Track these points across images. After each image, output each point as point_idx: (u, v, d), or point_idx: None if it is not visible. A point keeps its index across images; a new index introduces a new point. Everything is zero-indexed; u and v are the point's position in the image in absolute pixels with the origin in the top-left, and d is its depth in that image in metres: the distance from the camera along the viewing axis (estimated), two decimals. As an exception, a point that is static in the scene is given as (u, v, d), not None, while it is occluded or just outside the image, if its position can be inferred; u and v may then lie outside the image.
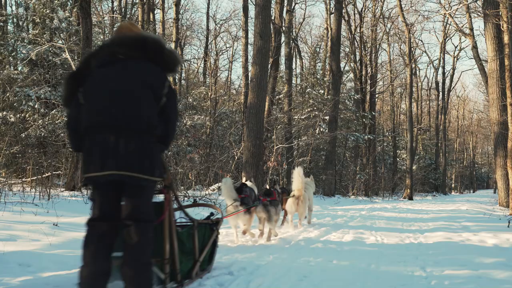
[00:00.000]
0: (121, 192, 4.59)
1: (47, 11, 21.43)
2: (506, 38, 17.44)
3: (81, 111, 4.65)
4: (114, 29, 33.63)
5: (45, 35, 21.43)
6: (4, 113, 18.07)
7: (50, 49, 20.14)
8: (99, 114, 4.52)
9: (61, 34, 22.28)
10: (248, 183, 9.71)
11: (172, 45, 37.61)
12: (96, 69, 4.70)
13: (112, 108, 4.50)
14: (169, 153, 19.74)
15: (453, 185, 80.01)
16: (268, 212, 8.83)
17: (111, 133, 4.44)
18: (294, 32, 41.22)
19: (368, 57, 43.27)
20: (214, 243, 6.39)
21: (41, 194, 11.70)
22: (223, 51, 54.32)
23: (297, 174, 11.23)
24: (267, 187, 10.78)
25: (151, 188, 4.74)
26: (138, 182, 4.51)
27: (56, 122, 18.80)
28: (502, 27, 17.87)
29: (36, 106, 18.66)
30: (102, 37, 27.81)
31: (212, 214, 6.87)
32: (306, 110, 33.01)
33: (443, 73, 57.36)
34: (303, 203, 11.14)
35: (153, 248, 4.68)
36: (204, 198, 14.63)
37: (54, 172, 15.80)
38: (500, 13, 18.48)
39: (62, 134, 18.21)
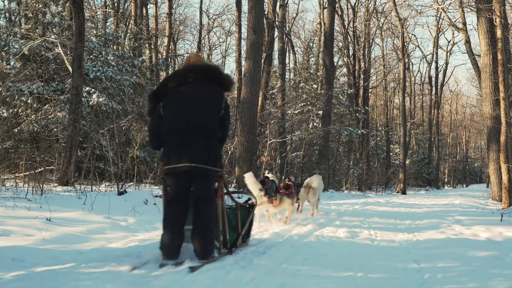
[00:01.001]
0: (191, 180, 6.28)
1: (40, 6, 21.39)
2: (499, 33, 17.46)
3: (161, 120, 6.42)
4: (107, 23, 33.70)
5: (37, 29, 21.38)
6: (-3, 108, 18.06)
7: (43, 43, 20.10)
8: (177, 122, 6.28)
9: (53, 29, 22.22)
10: (270, 176, 11.87)
11: (165, 40, 37.62)
12: (173, 89, 6.46)
13: (186, 118, 6.26)
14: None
15: (446, 180, 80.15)
16: (288, 203, 10.97)
17: (186, 136, 6.20)
18: (287, 27, 41.27)
19: (361, 51, 43.34)
20: (251, 222, 8.06)
21: (34, 189, 11.66)
22: (217, 46, 54.45)
23: (316, 177, 13.65)
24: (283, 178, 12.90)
25: (213, 176, 6.47)
26: (205, 172, 6.24)
27: (49, 117, 18.77)
28: (495, 21, 17.88)
29: (28, 101, 18.62)
30: (95, 31, 27.74)
31: (249, 199, 8.87)
32: (300, 105, 33.04)
33: (436, 68, 57.45)
34: (313, 194, 13.14)
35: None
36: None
37: (47, 167, 15.76)
38: (493, 8, 18.48)
39: (55, 129, 18.18)
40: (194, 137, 6.20)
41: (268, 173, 12.84)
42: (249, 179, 10.91)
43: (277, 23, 32.54)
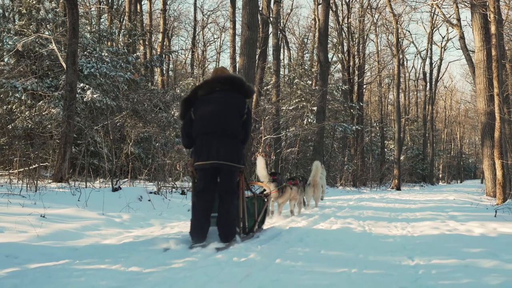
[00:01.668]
0: (217, 174, 7.48)
1: (33, 2, 21.38)
2: (493, 29, 17.47)
3: (191, 123, 7.58)
4: (101, 20, 33.63)
5: (31, 26, 21.36)
6: (-9, 104, 18.01)
7: (37, 40, 20.07)
8: (206, 125, 7.41)
9: (47, 25, 22.21)
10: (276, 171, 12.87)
11: (160, 36, 37.58)
12: (202, 96, 7.64)
13: (214, 122, 7.38)
14: (157, 144, 19.70)
15: (440, 175, 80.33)
16: (295, 191, 12.14)
17: (214, 137, 7.34)
18: (281, 23, 41.24)
19: (356, 47, 43.36)
20: (265, 210, 9.33)
21: (28, 185, 11.66)
22: (211, 42, 54.38)
23: (315, 166, 14.34)
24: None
25: (236, 171, 7.61)
26: (230, 168, 7.42)
27: (43, 113, 18.73)
28: (489, 17, 17.91)
29: (22, 98, 18.57)
30: (89, 28, 27.68)
31: (264, 190, 10.47)
32: (294, 101, 33.10)
33: (431, 64, 57.56)
34: (317, 190, 14.35)
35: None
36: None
37: (41, 164, 15.74)
38: (487, 3, 18.51)
39: (49, 126, 18.15)
40: (220, 139, 7.37)
41: (274, 171, 13.98)
42: (260, 164, 11.95)
43: (271, 19, 32.52)
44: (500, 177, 16.94)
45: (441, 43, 58.51)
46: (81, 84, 19.97)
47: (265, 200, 9.40)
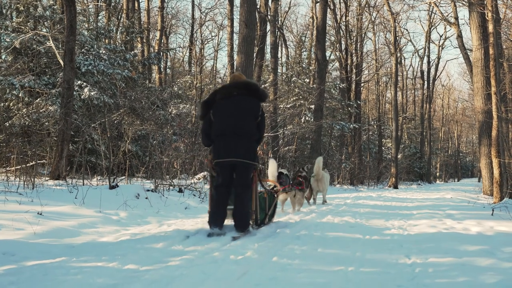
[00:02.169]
0: (233, 170, 8.31)
1: (31, -1, 21.31)
2: (490, 27, 17.47)
3: (211, 124, 8.44)
4: (99, 17, 33.59)
5: (29, 23, 21.33)
6: (-12, 102, 17.99)
7: (34, 37, 20.05)
8: (224, 127, 8.26)
9: (45, 22, 22.19)
10: (284, 171, 13.12)
11: (157, 34, 37.53)
12: (220, 100, 8.45)
13: (231, 123, 8.23)
14: (154, 142, 19.69)
15: (438, 174, 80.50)
16: (298, 195, 12.95)
17: (231, 137, 8.20)
18: (279, 21, 41.26)
19: (354, 46, 43.38)
20: (275, 205, 10.45)
21: (25, 183, 11.66)
22: (209, 40, 54.47)
23: (317, 162, 15.54)
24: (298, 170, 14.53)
25: (251, 168, 8.46)
26: (245, 165, 8.29)
27: (41, 111, 18.72)
28: (487, 16, 17.91)
29: (20, 95, 18.56)
30: (86, 25, 27.65)
31: (275, 186, 11.16)
32: (292, 99, 33.11)
33: (428, 62, 57.65)
34: (322, 182, 15.36)
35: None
36: (189, 187, 14.61)
37: (38, 161, 15.74)
38: (485, 2, 18.50)
39: (46, 123, 18.13)
40: (237, 139, 8.22)
41: (282, 168, 14.34)
42: (272, 165, 12.69)
43: (269, 17, 32.54)
44: (497, 175, 16.94)
45: (439, 42, 58.63)
46: (79, 82, 19.98)
47: (275, 196, 10.55)
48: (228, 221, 8.38)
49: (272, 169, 12.58)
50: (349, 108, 39.80)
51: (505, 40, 23.03)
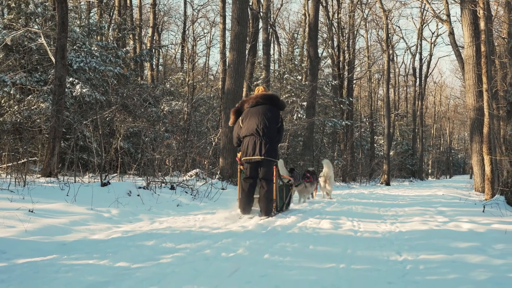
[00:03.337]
0: (258, 166, 10.42)
1: (23, -4, 21.22)
2: (482, 24, 17.51)
3: (240, 129, 10.52)
4: (91, 14, 33.50)
5: (20, 20, 21.22)
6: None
7: (26, 34, 19.96)
8: (251, 130, 10.31)
9: (36, 19, 22.07)
10: (293, 167, 15.97)
11: (149, 31, 37.48)
12: (248, 108, 10.60)
13: (256, 128, 10.25)
14: (146, 139, 19.67)
15: (430, 171, 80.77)
16: (307, 188, 15.27)
17: (257, 139, 10.27)
18: (272, 18, 41.28)
19: (346, 43, 43.41)
20: (290, 196, 12.66)
21: (16, 180, 11.60)
22: (201, 37, 54.51)
23: (326, 164, 18.16)
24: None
25: (272, 164, 10.50)
26: (268, 161, 10.34)
27: (32, 108, 18.66)
28: (479, 13, 17.94)
29: (11, 92, 18.48)
30: (78, 22, 27.55)
31: (289, 180, 12.83)
32: (284, 96, 33.12)
33: (420, 59, 57.79)
34: (329, 183, 17.37)
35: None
36: (181, 184, 14.59)
37: (30, 158, 15.69)
38: (477, 0, 18.55)
39: (38, 120, 18.08)
40: (261, 140, 10.24)
41: (292, 167, 15.97)
42: (280, 163, 13.60)
43: (261, 14, 32.54)
44: (489, 172, 17.00)
45: (431, 39, 59.01)
46: (70, 79, 19.91)
47: (290, 188, 12.65)
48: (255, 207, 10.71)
49: (280, 166, 13.47)
50: (341, 105, 39.85)
51: (496, 38, 23.07)
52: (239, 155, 10.76)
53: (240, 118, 10.64)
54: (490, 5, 20.71)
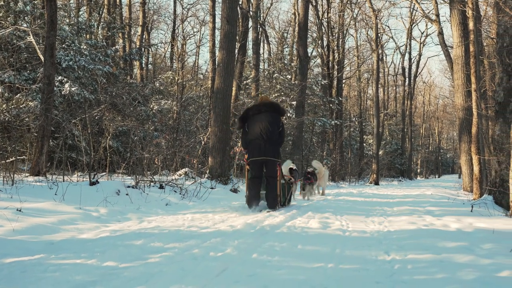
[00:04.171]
0: (263, 165, 11.71)
1: (11, -6, 21.13)
2: (471, 25, 17.57)
3: (246, 133, 11.90)
4: (80, 12, 33.40)
5: (9, 18, 21.13)
6: (-33, 97, 17.82)
7: (14, 32, 19.88)
8: (256, 134, 11.62)
9: (25, 17, 22.00)
10: (293, 166, 16.03)
11: (139, 29, 37.40)
12: (252, 115, 11.87)
13: (261, 132, 11.56)
14: (135, 138, 19.61)
15: (418, 170, 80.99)
16: (308, 187, 17.19)
17: (262, 141, 11.55)
18: (261, 17, 41.22)
19: (336, 42, 43.50)
20: (291, 193, 13.81)
21: (4, 179, 11.56)
22: (191, 36, 54.18)
23: (315, 163, 19.68)
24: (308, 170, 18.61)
25: (276, 164, 11.84)
26: (273, 161, 11.68)
27: (21, 106, 18.57)
28: (468, 13, 17.99)
29: (0, 90, 18.40)
30: (67, 20, 27.48)
31: (290, 179, 14.18)
32: (274, 95, 33.10)
33: (410, 59, 57.89)
34: (323, 179, 19.23)
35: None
36: (170, 183, 14.57)
37: (18, 157, 15.64)
38: (466, 0, 18.62)
39: (26, 119, 18.00)
40: (265, 143, 11.60)
41: (292, 163, 16.59)
42: (285, 164, 15.60)
43: (251, 13, 32.53)
44: (477, 172, 17.05)
45: (420, 39, 59.13)
46: (59, 77, 19.85)
47: (291, 186, 13.86)
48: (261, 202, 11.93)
49: (286, 166, 15.56)
50: (331, 105, 39.89)
51: (485, 38, 23.15)
52: (245, 156, 12.25)
53: (246, 124, 11.99)
54: (479, 6, 20.78)
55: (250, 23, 33.15)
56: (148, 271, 5.13)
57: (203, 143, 22.32)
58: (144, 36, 39.02)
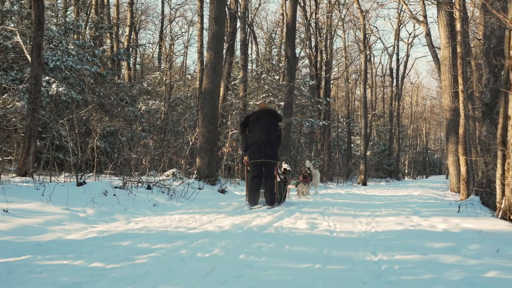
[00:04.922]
0: (263, 167, 12.75)
1: (-2, -6, 21.05)
2: (458, 26, 17.65)
3: (247, 137, 12.96)
4: (68, 12, 33.28)
5: (-4, 18, 21.04)
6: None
7: (1, 32, 19.82)
8: (256, 138, 12.63)
9: (12, 17, 21.93)
10: (287, 167, 17.56)
11: (127, 30, 37.31)
12: (252, 121, 12.86)
13: (260, 136, 12.57)
14: (123, 138, 19.58)
15: (406, 171, 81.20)
16: (302, 186, 17.99)
17: (261, 145, 12.58)
18: (249, 18, 41.28)
19: (324, 43, 43.56)
20: (286, 191, 14.99)
21: (-9, 179, 11.52)
22: (179, 36, 54.06)
23: (307, 164, 20.02)
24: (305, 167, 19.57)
25: (274, 165, 13.00)
26: (271, 163, 12.82)
27: (8, 106, 18.50)
28: (455, 14, 18.08)
29: (-14, 91, 18.33)
30: (55, 20, 27.39)
31: (285, 177, 15.41)
32: (262, 96, 33.14)
33: (397, 60, 58.04)
34: (315, 178, 20.15)
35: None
36: (158, 183, 14.54)
37: (5, 158, 15.56)
38: (453, 1, 18.70)
39: (13, 119, 17.93)
40: (264, 146, 12.58)
41: (285, 163, 18.16)
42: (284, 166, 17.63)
43: (239, 13, 32.54)
44: (464, 173, 17.13)
45: (408, 40, 59.24)
46: (47, 77, 19.79)
47: (286, 184, 15.12)
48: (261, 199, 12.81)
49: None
50: (319, 105, 39.94)
51: (472, 39, 23.26)
52: (246, 158, 13.47)
53: (247, 129, 13.07)
54: (466, 7, 20.87)
55: (238, 24, 33.18)
56: (135, 272, 5.12)
57: (191, 143, 22.32)
58: (132, 36, 38.97)
